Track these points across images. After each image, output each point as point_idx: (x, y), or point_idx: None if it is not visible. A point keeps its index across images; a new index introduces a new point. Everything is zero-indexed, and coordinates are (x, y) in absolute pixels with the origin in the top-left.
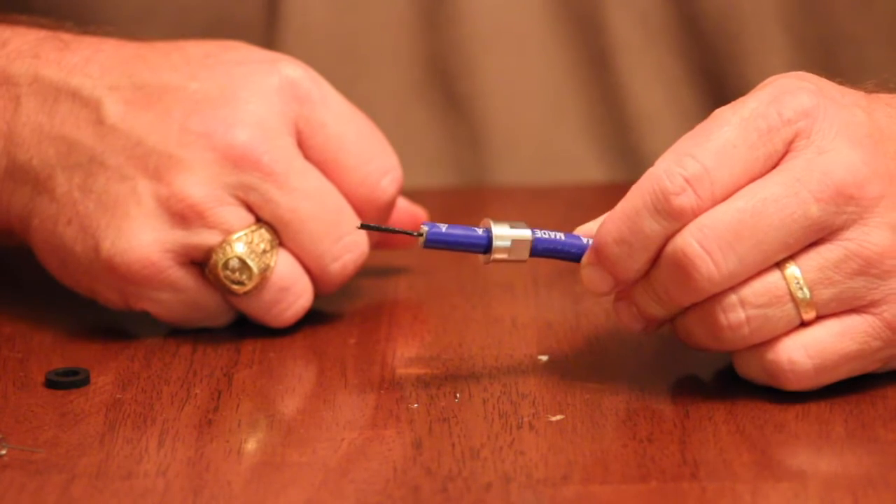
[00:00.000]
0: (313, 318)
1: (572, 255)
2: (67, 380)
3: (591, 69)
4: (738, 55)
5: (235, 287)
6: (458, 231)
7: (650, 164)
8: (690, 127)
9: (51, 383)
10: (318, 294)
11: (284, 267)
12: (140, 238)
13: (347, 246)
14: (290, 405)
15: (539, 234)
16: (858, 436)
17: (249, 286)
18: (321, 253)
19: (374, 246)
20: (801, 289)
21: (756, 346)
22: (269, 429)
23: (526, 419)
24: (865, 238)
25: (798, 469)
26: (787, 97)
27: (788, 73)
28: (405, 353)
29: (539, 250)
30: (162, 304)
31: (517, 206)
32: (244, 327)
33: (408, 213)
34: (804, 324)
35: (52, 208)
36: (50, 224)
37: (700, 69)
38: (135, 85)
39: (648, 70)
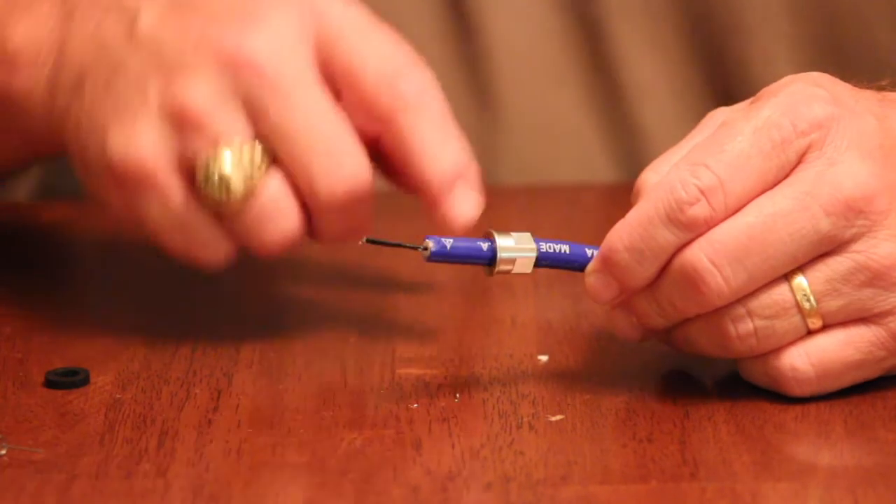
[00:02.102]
0: (313, 317)
1: (577, 266)
2: (67, 380)
3: (585, 38)
4: (738, 28)
5: (217, 199)
6: (462, 245)
7: (646, 136)
8: (687, 100)
9: (51, 383)
10: (320, 236)
11: (272, 186)
12: (138, 138)
13: (345, 172)
14: (289, 405)
15: (544, 247)
16: (858, 436)
17: (231, 200)
18: (316, 174)
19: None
20: (807, 300)
21: (762, 354)
22: (269, 429)
23: (526, 419)
24: (874, 250)
25: (798, 469)
26: (801, 107)
27: (803, 76)
28: (405, 353)
29: (543, 263)
30: (153, 216)
31: (517, 206)
32: (244, 327)
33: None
34: (811, 332)
35: (81, 110)
36: (74, 126)
37: (698, 41)
38: (172, 1)
39: (645, 41)
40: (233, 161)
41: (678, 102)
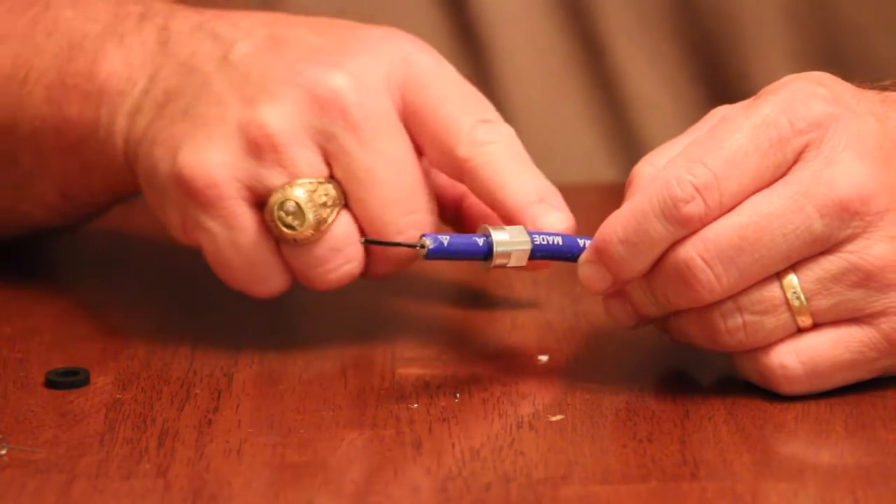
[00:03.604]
0: (313, 317)
1: (570, 256)
2: (67, 380)
3: (586, 53)
4: (737, 39)
5: (286, 231)
6: (459, 242)
7: (649, 149)
8: (689, 112)
9: (51, 383)
10: (370, 274)
11: (342, 227)
12: (212, 156)
13: (415, 223)
14: (289, 405)
15: (538, 239)
16: (858, 436)
17: (300, 233)
18: (386, 222)
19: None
20: (797, 298)
21: (752, 349)
22: (269, 429)
23: (526, 419)
24: (867, 251)
25: (798, 469)
26: (800, 106)
27: (804, 75)
28: (405, 353)
29: (538, 256)
30: (215, 240)
31: None
32: (244, 327)
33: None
34: (802, 331)
35: (155, 131)
36: (148, 145)
37: (698, 54)
38: (268, 34)
39: (646, 55)
40: (306, 195)
41: (680, 116)
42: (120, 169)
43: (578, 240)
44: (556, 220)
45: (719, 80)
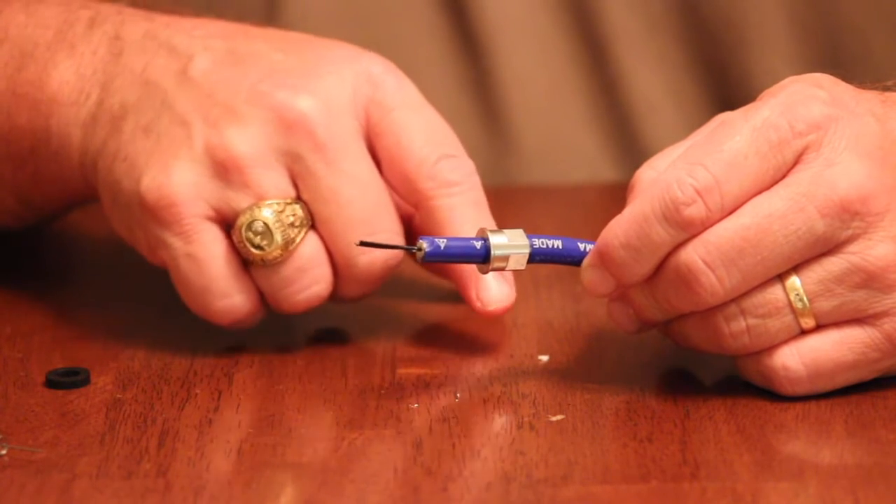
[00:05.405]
0: (314, 317)
1: (570, 260)
2: (67, 380)
3: (591, 58)
4: (741, 44)
5: (255, 252)
6: (456, 245)
7: (652, 152)
8: (692, 115)
9: (51, 383)
10: (340, 296)
11: (309, 248)
12: (178, 177)
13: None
14: (290, 405)
15: (537, 243)
16: (858, 436)
17: (269, 253)
18: (351, 242)
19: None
20: (800, 299)
21: (755, 351)
22: (270, 429)
23: (526, 419)
24: (869, 252)
25: (798, 469)
26: (799, 108)
27: (804, 77)
28: (405, 353)
29: (537, 259)
30: (179, 261)
31: (517, 206)
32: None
33: None
34: (805, 332)
35: (116, 146)
36: (109, 160)
37: (701, 57)
38: (227, 49)
39: (649, 58)
40: (273, 216)
41: (683, 119)
42: (75, 179)
43: (578, 243)
44: (498, 292)
45: (722, 83)
